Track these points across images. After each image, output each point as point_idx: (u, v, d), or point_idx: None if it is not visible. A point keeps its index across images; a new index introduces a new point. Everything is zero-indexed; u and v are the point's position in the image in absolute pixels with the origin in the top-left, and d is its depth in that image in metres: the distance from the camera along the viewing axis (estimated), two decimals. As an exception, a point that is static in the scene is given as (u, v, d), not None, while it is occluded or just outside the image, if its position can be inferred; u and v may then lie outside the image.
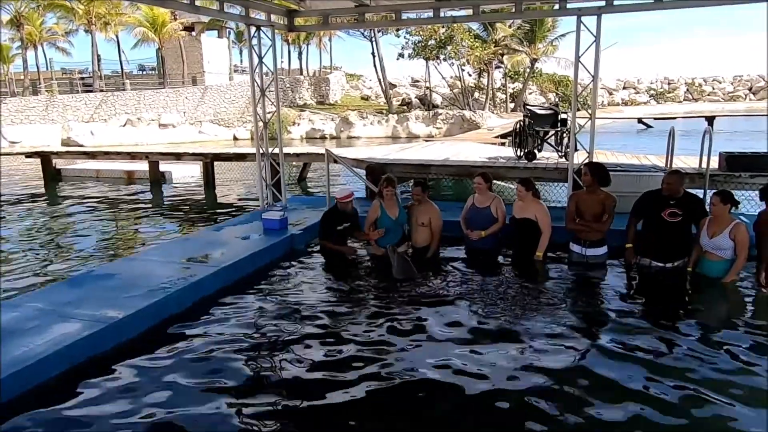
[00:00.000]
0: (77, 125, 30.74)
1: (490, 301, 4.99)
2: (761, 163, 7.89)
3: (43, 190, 14.93)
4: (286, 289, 5.47)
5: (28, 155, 16.99)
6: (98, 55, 38.22)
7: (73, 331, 3.99)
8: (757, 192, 7.89)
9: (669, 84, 63.44)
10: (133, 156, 15.66)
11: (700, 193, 7.75)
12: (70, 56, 43.03)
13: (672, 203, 5.22)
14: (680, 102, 58.79)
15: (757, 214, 5.23)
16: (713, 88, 61.94)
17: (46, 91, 35.52)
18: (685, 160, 9.01)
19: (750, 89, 60.44)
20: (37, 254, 8.35)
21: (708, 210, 5.20)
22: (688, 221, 5.25)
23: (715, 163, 8.11)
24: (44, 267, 7.66)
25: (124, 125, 31.94)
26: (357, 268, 6.01)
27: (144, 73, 44.18)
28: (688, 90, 62.14)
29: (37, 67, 39.14)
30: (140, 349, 4.11)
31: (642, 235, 5.50)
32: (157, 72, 41.72)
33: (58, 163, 16.81)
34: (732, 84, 62.21)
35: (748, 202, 8.21)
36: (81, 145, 26.17)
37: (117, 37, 38.45)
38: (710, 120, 26.24)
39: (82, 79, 39.99)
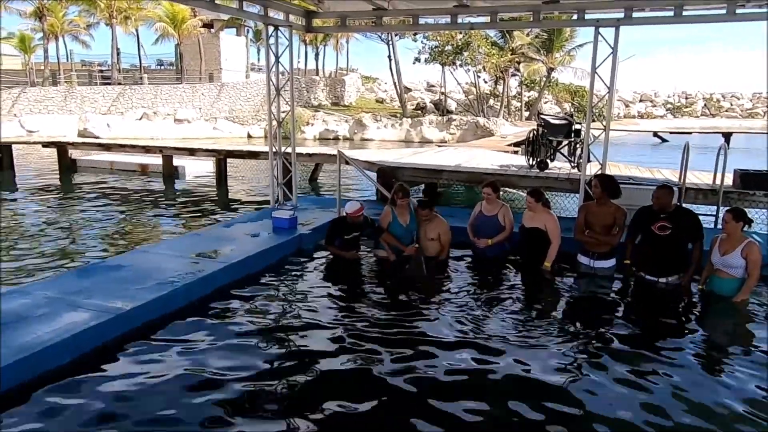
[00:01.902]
0: (94, 117, 31.06)
1: (495, 309, 4.98)
2: (776, 182, 7.79)
3: (58, 180, 15.10)
4: (293, 287, 5.49)
5: (45, 145, 17.21)
6: (117, 49, 38.64)
7: (81, 320, 4.04)
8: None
9: (686, 98, 62.84)
10: (147, 149, 15.79)
11: (713, 209, 7.71)
12: (90, 49, 43.49)
13: (662, 217, 5.21)
14: (697, 117, 58.22)
15: None
16: (731, 104, 61.27)
17: (66, 82, 35.93)
18: (699, 176, 8.92)
19: (769, 106, 59.72)
20: (49, 243, 8.45)
21: (721, 226, 5.16)
22: (679, 235, 5.21)
23: (729, 180, 8.02)
24: (55, 256, 7.74)
25: (140, 119, 32.24)
26: (364, 270, 6.01)
27: (162, 67, 44.57)
28: (705, 105, 61.54)
29: (58, 59, 39.67)
30: (147, 340, 4.15)
31: (637, 250, 5.50)
32: (174, 67, 42.10)
33: (74, 153, 17.01)
34: (751, 101, 61.48)
35: (762, 221, 8.10)
36: (97, 137, 26.44)
37: (137, 31, 38.87)
38: (727, 136, 26.00)
39: (101, 71, 40.41)
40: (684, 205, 6.69)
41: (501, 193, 6.48)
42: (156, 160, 15.51)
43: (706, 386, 3.69)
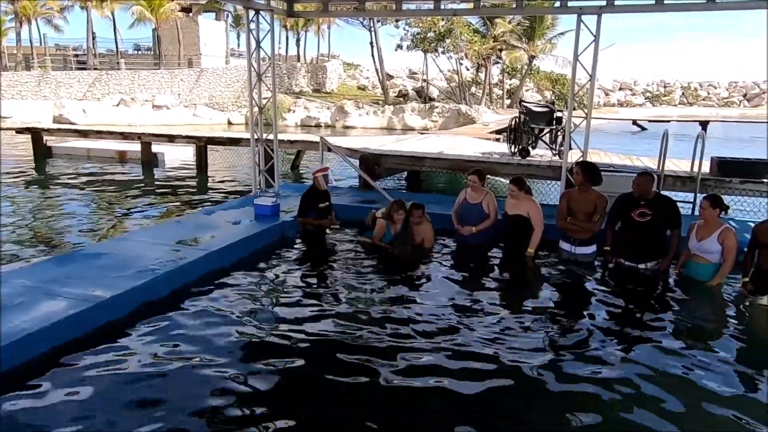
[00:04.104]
0: (70, 103, 30.39)
1: (478, 295, 5.02)
2: (752, 170, 7.95)
3: (32, 167, 14.77)
4: (276, 274, 5.46)
5: (19, 131, 16.81)
6: (93, 33, 37.74)
7: (59, 309, 3.97)
8: (746, 198, 8.00)
9: (665, 87, 63.56)
10: (125, 136, 15.50)
11: (690, 196, 7.84)
12: (63, 33, 42.35)
13: (642, 204, 5.30)
14: (675, 105, 58.94)
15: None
16: (708, 93, 62.10)
17: (39, 66, 35.06)
18: (678, 164, 9.06)
19: (744, 96, 60.66)
20: (25, 231, 8.27)
21: (699, 213, 5.25)
22: (658, 222, 5.30)
23: (706, 168, 8.16)
24: (31, 244, 7.59)
25: (117, 105, 31.62)
26: (346, 256, 6.01)
27: (139, 52, 43.68)
28: (683, 94, 62.28)
29: (31, 42, 38.59)
30: (127, 329, 4.10)
31: (617, 236, 5.58)
32: (152, 52, 41.28)
33: (49, 140, 16.62)
34: (727, 90, 62.39)
35: (738, 208, 8.26)
36: (73, 123, 25.89)
37: (112, 14, 37.97)
38: (704, 124, 26.33)
39: (76, 56, 39.50)
40: (662, 192, 6.79)
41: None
42: (134, 147, 15.23)
43: (683, 368, 3.76)
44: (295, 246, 6.39)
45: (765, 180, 7.77)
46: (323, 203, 6.46)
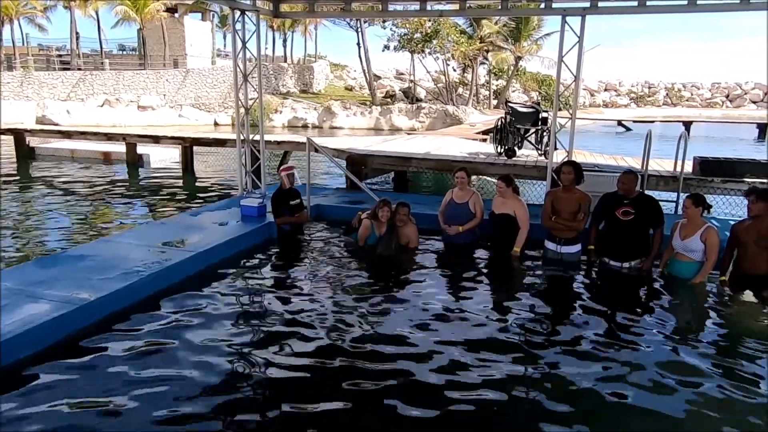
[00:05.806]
0: (53, 103, 30.01)
1: (464, 294, 5.05)
2: (733, 169, 8.07)
3: (15, 169, 14.56)
4: (262, 276, 5.45)
5: (1, 132, 16.57)
6: (77, 33, 37.30)
7: (42, 311, 3.92)
8: (727, 197, 8.11)
9: (649, 88, 64.36)
10: (110, 137, 15.35)
11: (673, 196, 7.94)
12: (46, 32, 41.74)
13: (626, 202, 5.38)
14: (659, 106, 59.68)
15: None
16: (691, 94, 62.98)
17: (22, 67, 34.59)
18: (661, 163, 9.17)
19: (727, 96, 61.58)
20: (7, 233, 8.15)
21: (682, 212, 5.33)
22: (641, 221, 5.38)
23: (689, 167, 8.27)
24: (14, 247, 7.48)
25: (101, 105, 31.27)
26: (332, 257, 6.00)
27: (124, 53, 43.24)
28: (667, 95, 63.10)
29: (13, 42, 38.00)
30: (112, 332, 4.06)
31: (601, 235, 5.65)
32: (137, 53, 40.88)
33: (32, 141, 16.42)
34: (710, 90, 63.31)
35: (720, 207, 8.38)
36: (56, 124, 25.58)
37: (97, 14, 37.55)
38: (687, 125, 26.70)
39: (60, 56, 38.99)
40: (646, 191, 6.87)
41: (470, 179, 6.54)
42: (119, 147, 15.09)
43: (667, 366, 3.81)
44: (282, 247, 6.37)
45: (746, 179, 7.90)
46: (294, 200, 6.60)
